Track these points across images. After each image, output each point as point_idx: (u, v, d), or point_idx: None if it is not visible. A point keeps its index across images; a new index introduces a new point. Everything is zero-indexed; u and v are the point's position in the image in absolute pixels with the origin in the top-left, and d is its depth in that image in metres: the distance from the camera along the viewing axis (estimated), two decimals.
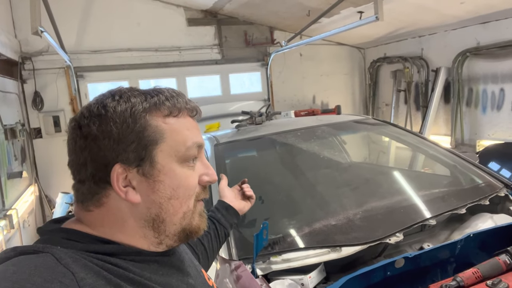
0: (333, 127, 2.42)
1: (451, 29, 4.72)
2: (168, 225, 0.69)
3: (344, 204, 1.79)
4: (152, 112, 0.67)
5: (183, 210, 0.69)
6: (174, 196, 0.68)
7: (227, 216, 1.22)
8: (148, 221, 0.68)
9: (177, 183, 0.68)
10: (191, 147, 0.70)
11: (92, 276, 0.59)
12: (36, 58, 4.72)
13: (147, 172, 0.66)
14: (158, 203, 0.67)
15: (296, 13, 4.88)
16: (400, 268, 1.46)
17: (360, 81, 6.58)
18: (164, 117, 0.68)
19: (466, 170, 2.12)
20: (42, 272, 0.55)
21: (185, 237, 0.72)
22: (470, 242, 1.56)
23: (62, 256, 0.59)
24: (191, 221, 0.71)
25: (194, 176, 0.71)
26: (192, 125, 0.72)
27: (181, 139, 0.69)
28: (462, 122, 4.77)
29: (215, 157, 2.09)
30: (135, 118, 0.66)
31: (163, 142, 0.67)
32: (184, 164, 0.69)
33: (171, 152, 0.68)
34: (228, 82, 5.72)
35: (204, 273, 0.87)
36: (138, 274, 0.65)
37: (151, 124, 0.67)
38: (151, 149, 0.66)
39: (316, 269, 1.49)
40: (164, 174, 0.67)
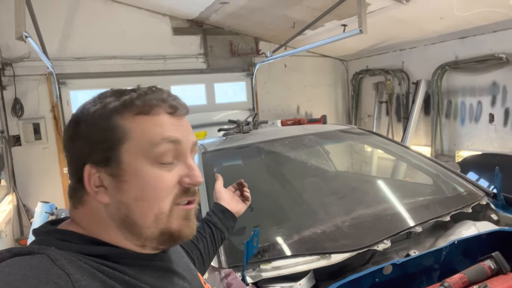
0: (319, 136, 2.46)
1: (431, 43, 4.88)
2: (141, 228, 0.66)
3: (333, 212, 1.81)
4: (121, 112, 0.67)
5: (154, 212, 0.66)
6: (141, 197, 0.65)
7: (224, 220, 1.19)
8: (121, 222, 0.67)
9: (143, 184, 0.65)
10: (160, 144, 0.66)
11: (88, 278, 0.59)
12: (17, 64, 4.62)
13: (114, 173, 0.66)
14: (126, 204, 0.66)
15: (281, 25, 4.96)
16: (388, 274, 1.48)
17: (343, 93, 6.70)
18: (134, 116, 0.67)
19: (449, 179, 2.18)
20: (37, 273, 0.55)
21: (168, 240, 0.69)
22: (454, 248, 1.60)
23: (57, 258, 0.59)
24: (169, 225, 0.67)
25: (168, 177, 0.67)
26: (167, 122, 0.69)
27: (147, 137, 0.66)
28: (441, 133, 4.91)
29: (203, 165, 2.09)
30: (104, 119, 0.66)
31: (129, 141, 0.66)
32: (155, 164, 0.66)
33: (138, 152, 0.66)
34: (213, 91, 5.73)
35: (200, 277, 0.86)
36: (133, 276, 0.65)
37: (118, 123, 0.66)
38: (117, 149, 0.65)
39: (306, 277, 1.50)
40: (130, 174, 0.65)
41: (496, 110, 4.25)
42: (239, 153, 2.28)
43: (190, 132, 0.73)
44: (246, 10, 4.65)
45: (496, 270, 1.31)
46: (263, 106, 5.99)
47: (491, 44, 4.14)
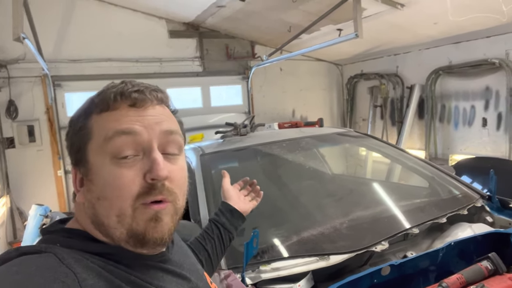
0: (316, 139, 2.47)
1: (425, 48, 4.94)
2: (109, 228, 0.65)
3: (330, 214, 1.83)
4: (87, 112, 0.68)
5: (115, 213, 0.63)
6: (102, 196, 0.64)
7: (232, 220, 1.18)
8: (94, 223, 0.66)
9: (103, 182, 0.64)
10: (113, 138, 0.64)
11: (94, 277, 0.59)
12: (12, 66, 4.59)
13: (84, 172, 0.66)
14: (91, 203, 0.65)
15: (278, 29, 4.99)
16: (386, 275, 1.49)
17: (338, 96, 6.75)
18: (97, 115, 0.67)
19: (444, 181, 2.21)
20: (44, 272, 0.55)
21: (138, 243, 0.65)
22: (451, 250, 1.62)
23: (64, 256, 0.59)
24: (133, 226, 0.64)
25: (127, 175, 0.63)
26: (126, 115, 0.66)
27: (103, 132, 0.65)
28: (435, 137, 4.96)
29: (201, 167, 2.09)
30: (75, 121, 0.69)
31: (91, 140, 0.66)
32: (114, 160, 0.64)
33: (97, 149, 0.65)
34: (209, 94, 5.74)
35: (206, 276, 0.85)
36: (139, 277, 0.64)
37: (84, 124, 0.67)
38: (83, 150, 0.66)
39: (305, 278, 1.50)
40: (93, 172, 0.65)
41: (489, 115, 4.31)
42: (237, 155, 2.29)
43: (158, 121, 0.68)
44: (242, 14, 4.68)
45: (493, 270, 1.33)
46: (258, 109, 6.01)
47: (485, 49, 4.21)
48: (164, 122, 0.68)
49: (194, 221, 1.83)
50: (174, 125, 0.71)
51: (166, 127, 0.68)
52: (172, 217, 0.68)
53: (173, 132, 0.69)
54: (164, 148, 0.68)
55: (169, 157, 0.68)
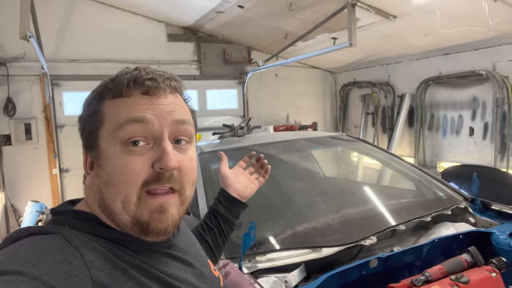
0: (310, 141, 2.58)
1: (415, 59, 5.11)
2: (114, 214, 0.65)
3: (323, 210, 1.93)
4: (100, 97, 0.68)
5: (120, 199, 0.64)
6: (110, 182, 0.64)
7: (231, 209, 1.15)
8: (101, 207, 0.67)
9: (112, 168, 0.64)
10: (124, 125, 0.64)
11: (101, 259, 0.60)
12: (11, 64, 4.65)
13: (95, 157, 0.67)
14: (99, 188, 0.66)
15: (274, 36, 5.12)
16: (374, 268, 1.60)
17: (331, 103, 6.89)
18: (110, 100, 0.67)
19: (431, 184, 2.33)
20: (53, 252, 0.56)
21: (143, 231, 0.66)
22: (435, 246, 1.73)
23: (72, 238, 0.60)
24: (138, 214, 0.65)
25: (136, 162, 0.64)
26: (138, 103, 0.66)
27: (115, 119, 0.65)
28: (424, 145, 5.11)
29: (201, 165, 2.18)
30: (88, 105, 0.69)
31: (103, 126, 0.66)
32: (124, 147, 0.64)
33: (109, 134, 0.65)
34: (205, 97, 5.84)
35: (210, 264, 0.85)
36: (144, 261, 0.65)
37: (97, 109, 0.67)
38: (95, 134, 0.67)
39: (298, 268, 1.60)
40: (103, 158, 0.65)
41: (476, 124, 4.48)
42: (235, 154, 2.38)
43: (170, 110, 0.67)
44: (240, 20, 4.80)
45: (472, 263, 1.44)
46: (253, 113, 6.12)
47: (473, 61, 4.38)
48: (176, 112, 0.68)
49: (193, 215, 1.91)
50: (186, 114, 0.70)
51: (178, 116, 0.68)
52: (178, 208, 0.68)
53: (185, 122, 0.69)
54: (175, 138, 0.68)
55: (179, 146, 0.68)
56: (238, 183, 1.19)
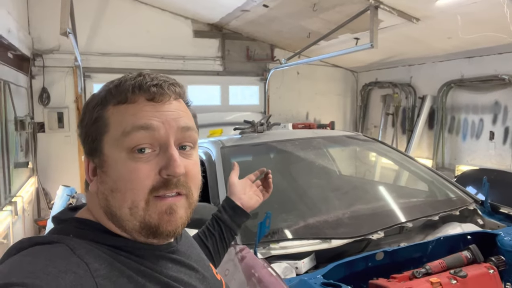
0: (327, 139, 2.70)
1: (438, 61, 5.11)
2: (121, 220, 0.65)
3: (335, 205, 2.05)
4: (103, 103, 0.67)
5: (127, 205, 0.64)
6: (116, 189, 0.64)
7: (234, 217, 1.15)
8: (106, 213, 0.67)
9: (118, 175, 0.64)
10: (131, 133, 0.64)
11: (106, 267, 0.60)
12: (47, 56, 4.93)
13: (99, 163, 0.66)
14: (104, 195, 0.66)
15: (297, 34, 5.22)
16: (380, 260, 1.71)
17: (352, 102, 6.94)
18: (114, 106, 0.66)
19: (442, 185, 2.41)
20: (57, 262, 0.56)
21: (151, 234, 0.66)
22: (440, 244, 1.83)
23: (76, 247, 0.60)
24: (146, 219, 0.65)
25: (143, 169, 0.64)
26: (144, 109, 0.66)
27: (121, 126, 0.65)
28: (443, 147, 5.12)
29: (221, 158, 2.33)
30: (91, 111, 0.68)
31: (107, 133, 0.65)
32: (130, 154, 0.64)
33: (114, 141, 0.65)
34: (228, 93, 6.01)
35: (212, 267, 0.86)
36: (149, 267, 0.66)
37: (100, 115, 0.66)
38: (99, 141, 0.66)
39: (308, 257, 1.73)
40: (109, 165, 0.65)
41: (497, 128, 4.46)
42: (254, 149, 2.53)
43: (176, 117, 0.68)
44: (264, 19, 4.92)
45: (471, 259, 1.53)
46: (274, 110, 6.24)
47: (496, 65, 4.36)
48: (181, 118, 0.68)
49: (213, 203, 2.07)
50: (190, 120, 0.71)
51: (183, 123, 0.68)
52: (186, 210, 0.69)
53: (190, 128, 0.70)
54: (180, 144, 0.68)
55: (184, 152, 0.69)
56: (244, 193, 1.19)
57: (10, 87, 3.56)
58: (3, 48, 3.58)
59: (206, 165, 2.40)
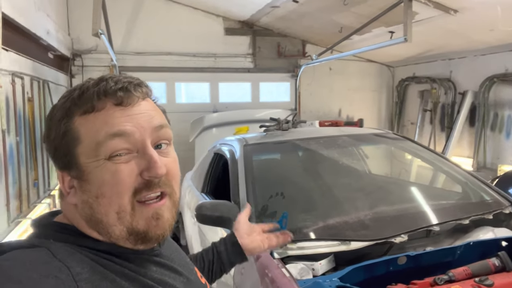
0: (353, 138, 2.62)
1: (480, 54, 4.82)
2: (108, 227, 0.64)
3: (357, 206, 1.99)
4: (69, 114, 0.64)
5: (114, 209, 0.63)
6: (101, 195, 0.63)
7: (230, 254, 1.09)
8: (89, 222, 0.65)
9: (100, 181, 0.63)
10: (105, 142, 0.63)
11: (88, 271, 0.59)
12: (86, 56, 5.16)
13: (76, 175, 0.64)
14: (88, 203, 0.64)
15: (329, 29, 5.11)
16: (402, 265, 1.64)
17: (387, 99, 6.71)
18: (81, 116, 0.64)
19: (476, 187, 2.27)
20: (38, 267, 0.55)
21: (139, 240, 0.66)
22: (469, 249, 1.72)
23: (57, 251, 0.59)
24: (133, 224, 0.64)
25: (124, 171, 0.63)
26: (113, 115, 0.64)
27: (93, 136, 0.63)
28: (485, 146, 4.83)
29: (244, 155, 2.33)
30: (57, 124, 0.65)
31: (80, 144, 0.64)
32: (110, 159, 0.63)
33: (89, 152, 0.63)
34: (258, 90, 6.00)
35: (197, 271, 0.85)
36: (133, 270, 0.65)
37: (68, 128, 0.64)
38: (72, 153, 0.64)
39: (326, 258, 1.69)
40: (88, 173, 0.63)
41: None
42: (277, 147, 2.51)
43: (147, 118, 0.67)
44: (295, 14, 4.86)
45: (500, 267, 1.43)
46: (305, 107, 6.17)
47: None
48: (153, 118, 0.67)
49: (234, 202, 2.07)
50: (162, 118, 0.70)
51: (157, 122, 0.68)
52: (171, 211, 0.69)
53: (163, 126, 0.69)
54: (156, 143, 0.68)
55: (161, 151, 0.68)
56: (247, 235, 1.12)
57: (50, 86, 3.75)
58: (42, 49, 3.78)
59: (229, 163, 2.41)
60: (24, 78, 2.98)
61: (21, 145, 2.89)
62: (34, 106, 3.26)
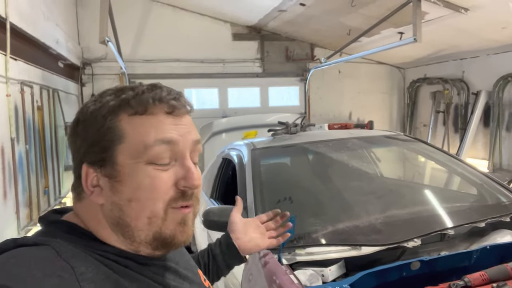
0: (363, 140, 2.56)
1: (493, 53, 4.71)
2: (135, 231, 0.65)
3: (367, 209, 1.93)
4: (117, 112, 0.65)
5: (146, 214, 0.64)
6: (135, 199, 0.64)
7: (226, 256, 1.05)
8: (115, 225, 0.65)
9: (137, 184, 0.63)
10: (152, 145, 0.64)
11: (92, 271, 0.59)
12: (95, 64, 5.22)
13: (109, 173, 0.64)
14: (119, 205, 0.64)
15: (337, 32, 5.07)
16: (416, 270, 1.58)
17: (399, 101, 6.61)
18: (129, 116, 0.65)
19: (492, 188, 2.19)
20: (42, 265, 0.55)
21: (161, 246, 0.67)
22: (486, 253, 1.65)
23: (62, 250, 0.59)
24: (162, 229, 0.66)
25: (163, 179, 0.65)
26: (163, 122, 0.66)
27: (141, 138, 0.64)
28: (501, 147, 4.71)
29: (251, 159, 2.30)
30: (100, 119, 0.65)
31: (123, 143, 0.64)
32: (150, 165, 0.64)
33: (132, 152, 0.64)
34: (267, 94, 5.98)
35: (200, 274, 0.85)
36: (137, 271, 0.65)
37: (114, 124, 0.65)
38: (112, 150, 0.64)
39: (336, 264, 1.64)
40: (124, 174, 0.64)
41: None
42: (285, 151, 2.47)
43: (190, 131, 0.69)
44: (302, 18, 4.83)
45: None
46: (315, 111, 6.12)
47: None
48: (193, 132, 0.70)
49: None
50: (198, 134, 0.73)
51: (195, 136, 0.70)
52: (192, 221, 0.71)
53: (199, 142, 0.71)
54: (192, 157, 0.70)
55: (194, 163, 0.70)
56: (243, 233, 1.07)
57: (59, 95, 3.79)
58: (52, 58, 3.82)
59: (236, 168, 2.38)
60: (34, 87, 3.02)
61: (30, 153, 2.91)
62: (44, 114, 3.29)
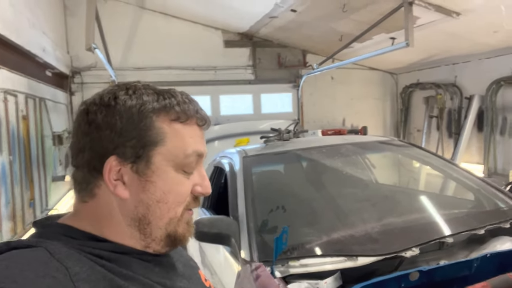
0: (357, 146, 2.51)
1: (485, 58, 4.71)
2: (154, 229, 0.68)
3: (363, 218, 1.87)
4: (159, 114, 0.67)
5: (170, 215, 0.68)
6: (163, 200, 0.67)
7: None
8: (135, 220, 0.67)
9: (168, 188, 0.67)
10: (190, 155, 0.69)
11: (86, 271, 0.58)
12: (85, 73, 5.13)
13: (141, 171, 0.65)
14: (146, 204, 0.66)
15: (329, 38, 5.05)
16: (415, 281, 1.51)
17: (392, 106, 6.60)
18: (171, 121, 0.68)
19: (490, 194, 2.14)
20: (35, 267, 0.55)
21: (171, 243, 0.70)
22: (486, 262, 1.59)
23: (55, 251, 0.58)
24: (177, 228, 0.70)
25: (187, 184, 0.70)
26: (197, 134, 0.71)
27: (181, 145, 0.68)
28: (495, 151, 4.69)
29: (243, 168, 2.23)
30: (141, 116, 0.66)
31: (163, 145, 0.66)
32: (179, 170, 0.68)
33: (169, 157, 0.67)
34: (260, 101, 5.93)
35: (201, 273, 0.86)
36: (133, 270, 0.65)
37: (156, 125, 0.66)
38: (149, 149, 0.66)
39: (332, 276, 1.57)
40: (158, 176, 0.66)
41: None
42: (277, 158, 2.41)
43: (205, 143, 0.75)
44: (294, 24, 4.80)
45: None
46: (308, 117, 6.08)
47: None
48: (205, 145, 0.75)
49: (232, 217, 1.96)
50: None
51: (206, 149, 0.75)
52: None
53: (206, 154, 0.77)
54: None
55: None
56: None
57: (47, 104, 3.69)
58: (40, 67, 3.74)
59: (228, 176, 2.31)
60: (18, 96, 2.92)
61: (15, 164, 2.81)
62: (30, 124, 3.20)
